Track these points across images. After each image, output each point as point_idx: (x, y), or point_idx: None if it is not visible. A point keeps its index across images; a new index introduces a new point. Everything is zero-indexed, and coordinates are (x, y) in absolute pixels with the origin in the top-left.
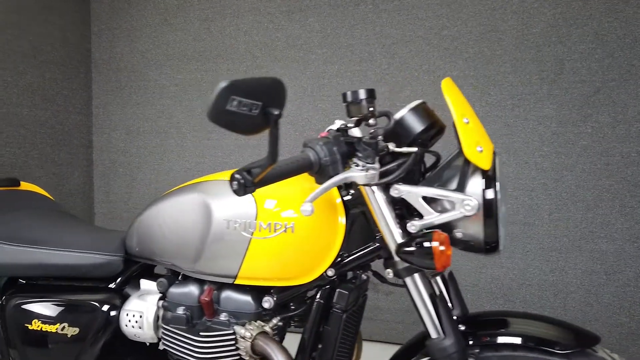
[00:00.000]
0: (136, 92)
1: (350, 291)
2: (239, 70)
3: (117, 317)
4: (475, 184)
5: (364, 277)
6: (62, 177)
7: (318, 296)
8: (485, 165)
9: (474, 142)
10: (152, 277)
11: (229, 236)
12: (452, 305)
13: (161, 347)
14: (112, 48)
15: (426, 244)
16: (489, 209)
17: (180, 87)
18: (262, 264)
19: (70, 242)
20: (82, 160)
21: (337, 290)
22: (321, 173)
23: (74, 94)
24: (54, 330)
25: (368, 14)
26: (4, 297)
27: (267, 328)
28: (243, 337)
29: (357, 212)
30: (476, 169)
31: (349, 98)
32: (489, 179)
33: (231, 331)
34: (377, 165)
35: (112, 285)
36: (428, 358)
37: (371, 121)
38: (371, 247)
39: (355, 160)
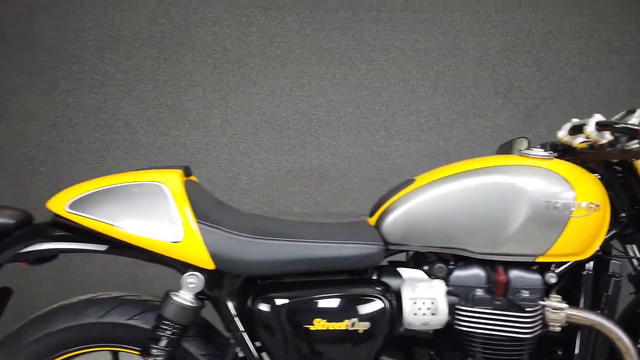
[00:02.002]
0: (66, 77)
1: (621, 260)
2: (208, 63)
3: (400, 307)
4: None
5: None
6: None
7: (586, 268)
8: None
9: None
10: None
11: (548, 216)
12: None
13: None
14: (30, 21)
15: None
16: None
17: (129, 75)
18: (573, 241)
19: (326, 234)
20: None
21: (611, 261)
22: None
23: None
24: (344, 328)
25: (348, 21)
26: (250, 299)
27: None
28: (556, 309)
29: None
30: None
31: None
32: None
33: (537, 306)
34: None
35: (373, 277)
36: None
37: None
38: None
39: None
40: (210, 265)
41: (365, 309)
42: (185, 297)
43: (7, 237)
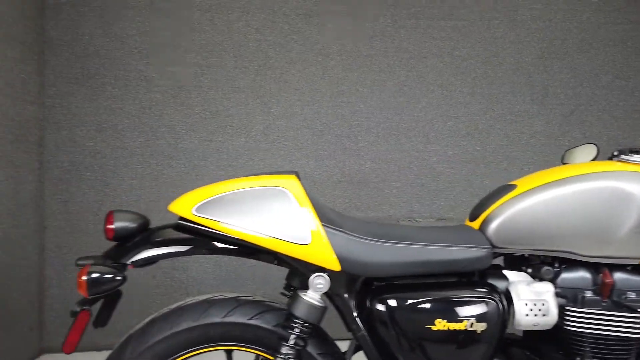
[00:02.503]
0: (111, 84)
1: None
2: (250, 70)
3: (510, 309)
4: None
5: None
6: (19, 182)
7: None
8: None
9: None
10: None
11: None
12: None
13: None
14: (77, 28)
15: None
16: None
17: (173, 81)
18: None
19: (439, 237)
20: (34, 162)
21: None
22: None
23: (30, 79)
24: (462, 328)
25: (387, 28)
26: (369, 300)
27: None
28: None
29: None
30: None
31: None
32: None
33: None
34: None
35: (475, 279)
36: None
37: None
38: None
39: None
40: (336, 266)
41: (481, 309)
42: (314, 296)
43: (130, 241)
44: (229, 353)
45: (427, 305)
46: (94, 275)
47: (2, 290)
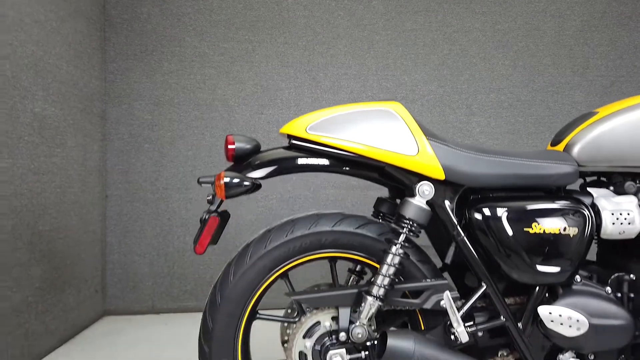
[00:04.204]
0: (168, 59)
1: None
2: (299, 45)
3: (601, 218)
4: None
5: None
6: (87, 150)
7: None
8: None
9: None
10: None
11: None
12: None
13: None
14: (135, 7)
15: None
16: None
17: (226, 57)
18: None
19: (531, 155)
20: (98, 133)
21: None
22: None
23: (94, 54)
24: (557, 232)
25: (430, 3)
26: (470, 209)
27: None
28: None
29: None
30: None
31: None
32: None
33: None
34: None
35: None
36: None
37: None
38: None
39: None
40: (441, 175)
41: (572, 217)
42: (421, 201)
43: (246, 158)
44: (334, 261)
45: (526, 212)
46: (229, 179)
47: (72, 251)
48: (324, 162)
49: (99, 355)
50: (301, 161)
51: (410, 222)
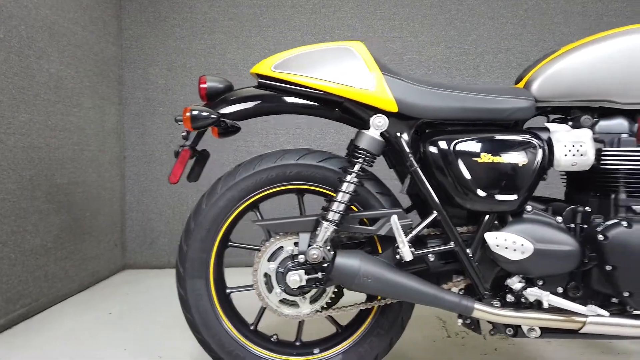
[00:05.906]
0: (180, 25)
1: None
2: (305, 8)
3: (551, 152)
4: None
5: None
6: (104, 113)
7: None
8: None
9: None
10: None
11: None
12: None
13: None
14: None
15: None
16: None
17: (235, 22)
18: None
19: (487, 90)
20: (115, 97)
21: None
22: None
23: (110, 22)
24: (506, 162)
25: None
26: (424, 142)
27: None
28: None
29: None
30: None
31: None
32: None
33: None
34: None
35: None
36: None
37: None
38: None
39: None
40: (394, 108)
41: (523, 148)
42: (375, 132)
43: (217, 97)
44: (301, 194)
45: (476, 142)
46: (195, 112)
47: (93, 204)
48: (289, 100)
49: (118, 300)
50: (266, 100)
51: (364, 152)
